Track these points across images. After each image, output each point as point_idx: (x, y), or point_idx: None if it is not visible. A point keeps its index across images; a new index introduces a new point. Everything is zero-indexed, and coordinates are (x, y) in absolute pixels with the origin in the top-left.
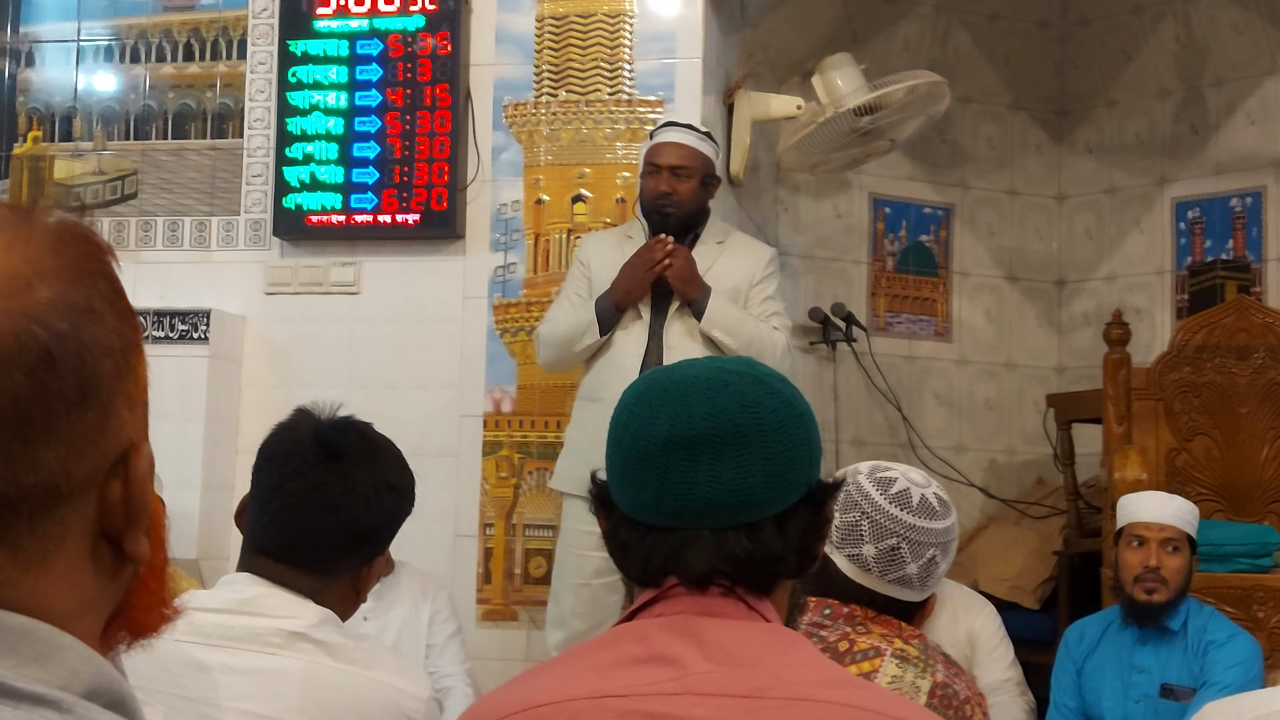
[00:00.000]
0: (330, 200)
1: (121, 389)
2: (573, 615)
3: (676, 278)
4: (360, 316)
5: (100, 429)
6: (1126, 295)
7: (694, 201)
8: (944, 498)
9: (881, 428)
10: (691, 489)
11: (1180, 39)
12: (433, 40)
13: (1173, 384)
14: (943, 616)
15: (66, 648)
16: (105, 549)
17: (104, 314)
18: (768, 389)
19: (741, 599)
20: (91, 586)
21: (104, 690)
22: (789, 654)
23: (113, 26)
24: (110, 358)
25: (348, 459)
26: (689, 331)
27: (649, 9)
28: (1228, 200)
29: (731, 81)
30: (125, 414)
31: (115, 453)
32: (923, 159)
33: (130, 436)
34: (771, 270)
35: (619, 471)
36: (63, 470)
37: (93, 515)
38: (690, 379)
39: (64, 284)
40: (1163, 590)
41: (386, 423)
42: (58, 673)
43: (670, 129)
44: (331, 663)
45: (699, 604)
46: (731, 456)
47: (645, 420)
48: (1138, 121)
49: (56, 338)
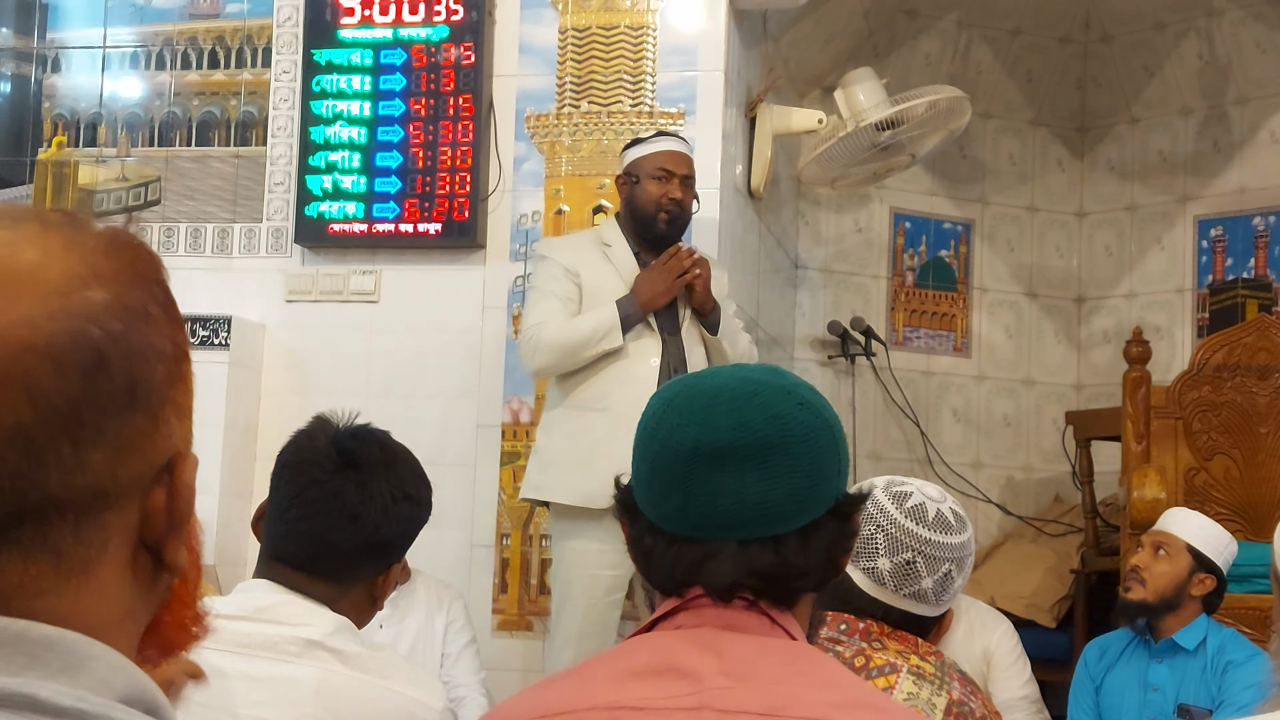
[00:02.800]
0: (352, 209)
1: (171, 396)
2: (579, 636)
3: (705, 288)
4: (379, 325)
5: (148, 434)
6: (1146, 313)
7: (690, 211)
8: (960, 513)
9: (899, 443)
10: (716, 500)
11: (1203, 56)
12: (456, 51)
13: (1192, 403)
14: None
15: (96, 657)
16: (145, 558)
17: (158, 319)
18: (796, 399)
19: (764, 612)
20: (130, 596)
21: (136, 699)
22: (809, 672)
23: (138, 33)
24: (163, 363)
25: (366, 468)
26: (694, 339)
27: (671, 22)
28: (1250, 219)
29: (753, 95)
30: (174, 421)
31: (161, 460)
32: (943, 174)
33: (177, 444)
34: (731, 287)
35: (646, 479)
36: (110, 474)
37: (135, 523)
38: (717, 389)
39: (120, 286)
40: (1139, 590)
41: (404, 431)
42: (87, 683)
43: (671, 139)
44: (346, 671)
45: (721, 616)
46: (756, 469)
47: (674, 429)
48: (1160, 139)
49: (110, 339)
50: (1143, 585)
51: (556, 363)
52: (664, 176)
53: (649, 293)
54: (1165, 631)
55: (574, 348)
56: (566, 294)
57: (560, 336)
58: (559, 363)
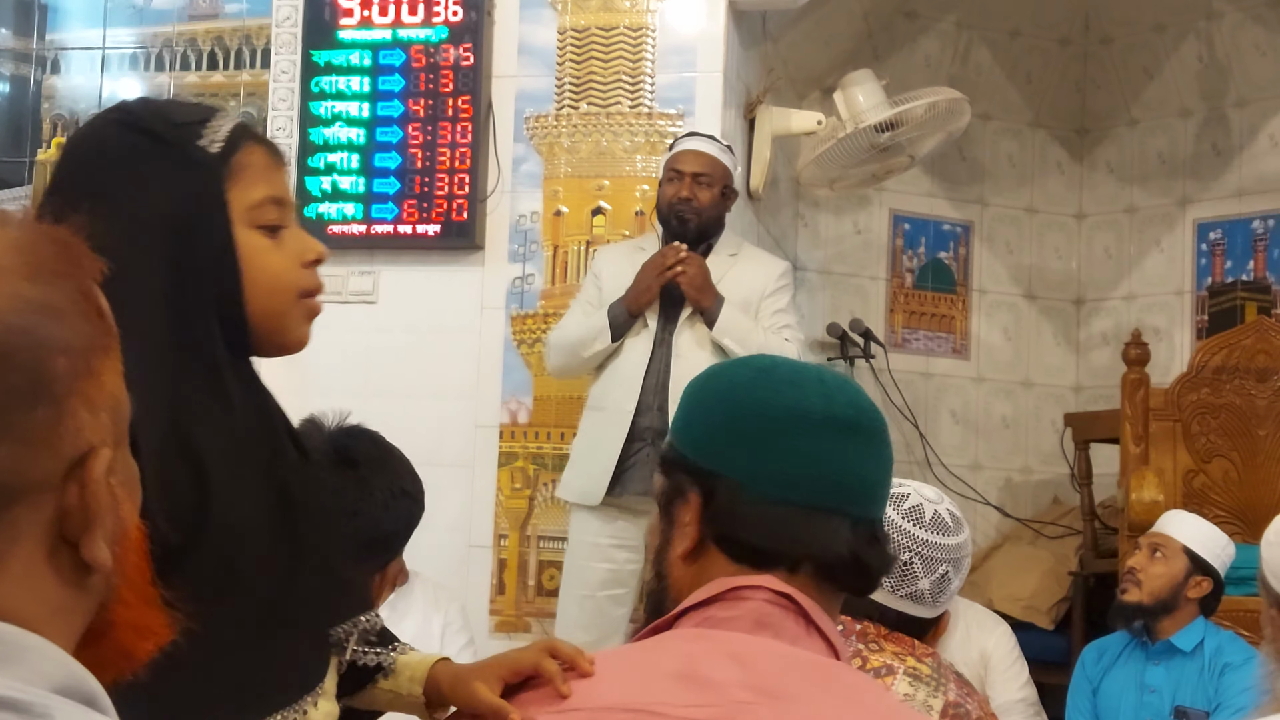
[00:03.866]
0: (351, 210)
1: (79, 389)
2: (577, 628)
3: (690, 285)
4: (378, 326)
5: (54, 428)
6: (1145, 315)
7: (712, 210)
8: (957, 514)
9: (898, 444)
10: (851, 467)
11: (1203, 58)
12: (455, 52)
13: (1191, 405)
14: (956, 635)
15: (31, 648)
16: (67, 554)
17: (65, 313)
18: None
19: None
20: (56, 591)
21: (74, 690)
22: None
23: (138, 34)
24: (66, 356)
25: (363, 465)
26: (699, 340)
27: (670, 23)
28: (1249, 222)
29: (752, 96)
30: (84, 415)
31: (72, 454)
32: (942, 176)
33: (90, 440)
34: (784, 283)
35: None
36: (14, 468)
37: (50, 518)
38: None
39: (22, 280)
40: (1134, 592)
41: (402, 432)
42: (21, 673)
43: (694, 138)
44: None
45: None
46: (879, 448)
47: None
48: (1159, 141)
49: (7, 331)
50: (1139, 587)
51: (563, 363)
52: (675, 177)
53: (633, 291)
54: (1162, 634)
55: (572, 348)
56: (589, 299)
57: (561, 337)
58: (566, 363)
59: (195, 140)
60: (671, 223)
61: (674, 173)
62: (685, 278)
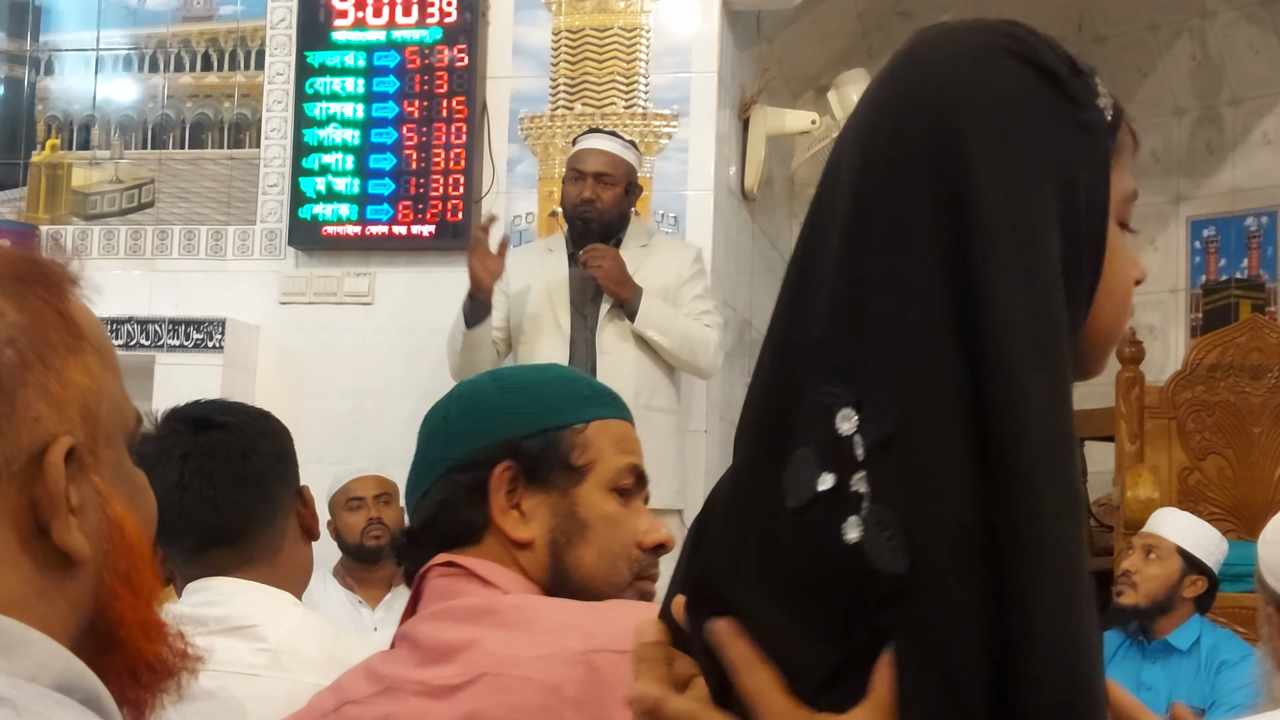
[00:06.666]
0: (346, 211)
1: (31, 381)
2: None
3: (607, 278)
4: (373, 327)
5: (8, 418)
6: (1140, 313)
7: (615, 208)
8: None
9: None
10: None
11: (1196, 57)
12: (449, 52)
13: (1186, 403)
14: None
15: (33, 642)
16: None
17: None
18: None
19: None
20: (35, 576)
21: (75, 686)
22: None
23: (132, 36)
24: (11, 347)
25: (218, 424)
26: (621, 334)
27: (665, 23)
28: (1243, 219)
29: (747, 96)
30: (41, 407)
31: (31, 444)
32: None
33: (53, 430)
34: (699, 269)
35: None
36: None
37: (17, 507)
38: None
39: None
40: (1130, 594)
41: (397, 433)
42: (23, 666)
43: (595, 135)
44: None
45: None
46: None
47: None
48: (1153, 139)
49: None
50: (1134, 589)
51: (450, 363)
52: (577, 177)
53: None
54: (1158, 633)
55: (449, 346)
56: (496, 300)
57: (449, 339)
58: (451, 362)
59: (1094, 98)
60: (575, 224)
61: (576, 172)
62: (601, 271)
